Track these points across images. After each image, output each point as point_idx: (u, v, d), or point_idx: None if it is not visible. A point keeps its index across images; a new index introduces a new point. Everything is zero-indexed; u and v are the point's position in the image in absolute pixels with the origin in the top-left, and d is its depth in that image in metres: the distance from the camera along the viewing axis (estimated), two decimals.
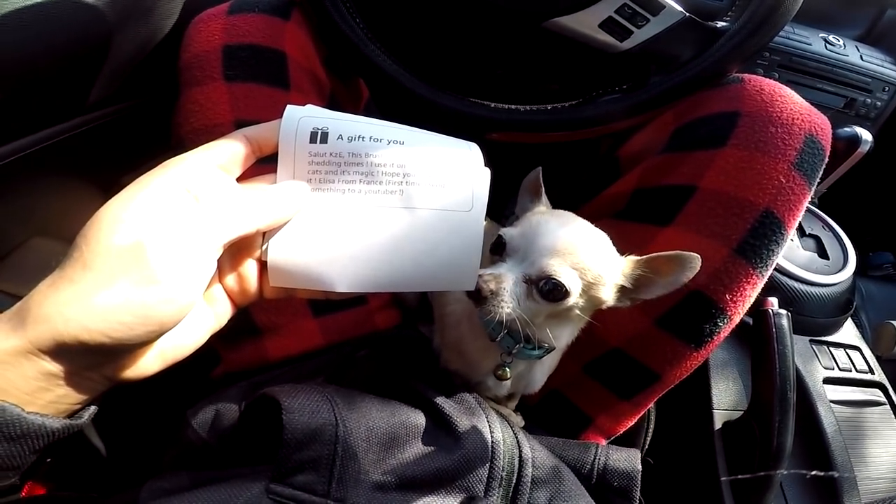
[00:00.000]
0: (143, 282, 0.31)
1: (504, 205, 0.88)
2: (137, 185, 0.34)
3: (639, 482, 0.56)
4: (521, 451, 0.52)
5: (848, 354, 0.87)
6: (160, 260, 0.32)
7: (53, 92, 0.60)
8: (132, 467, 0.59)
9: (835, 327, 0.89)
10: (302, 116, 0.39)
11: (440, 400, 0.53)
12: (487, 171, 0.41)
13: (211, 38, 0.60)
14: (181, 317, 0.34)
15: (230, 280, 0.40)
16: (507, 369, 0.58)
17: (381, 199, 0.39)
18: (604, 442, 0.67)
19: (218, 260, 0.38)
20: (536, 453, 0.53)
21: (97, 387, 0.35)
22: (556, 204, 0.55)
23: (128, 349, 0.33)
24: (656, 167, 0.65)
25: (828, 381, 0.83)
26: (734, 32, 0.62)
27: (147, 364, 0.36)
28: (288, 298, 0.41)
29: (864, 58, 1.07)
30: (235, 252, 0.39)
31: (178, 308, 0.33)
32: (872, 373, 0.87)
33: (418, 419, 0.51)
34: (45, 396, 0.32)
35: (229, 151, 0.38)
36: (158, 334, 0.34)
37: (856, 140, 0.87)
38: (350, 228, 0.39)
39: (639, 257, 0.50)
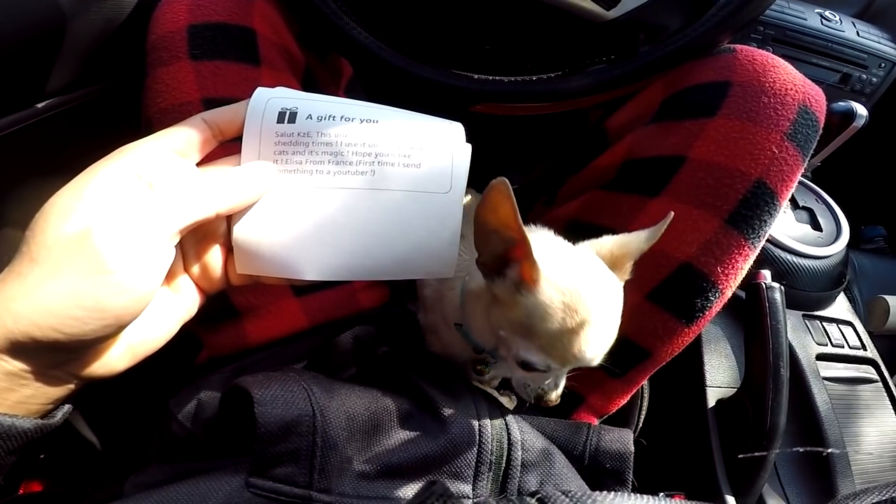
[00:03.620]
0: (92, 272, 0.30)
1: (490, 179, 0.86)
2: (86, 173, 0.32)
3: (631, 463, 0.55)
4: (509, 434, 0.51)
5: (841, 330, 0.87)
6: (110, 248, 0.30)
7: (10, 78, 0.58)
8: (125, 459, 0.58)
9: (828, 301, 0.89)
10: (270, 97, 0.37)
11: (425, 383, 0.52)
12: (468, 149, 0.39)
13: (176, 19, 0.58)
14: (139, 308, 0.32)
15: (195, 268, 0.38)
16: (487, 367, 0.58)
17: (351, 181, 0.37)
18: (596, 421, 0.66)
19: (182, 248, 0.37)
20: (526, 435, 0.52)
21: (67, 386, 0.33)
22: (544, 177, 0.53)
23: (88, 345, 0.32)
24: (645, 138, 0.64)
25: (820, 357, 0.82)
26: (726, 2, 0.59)
27: (115, 360, 0.34)
28: (257, 283, 0.40)
29: (861, 34, 1.06)
30: (200, 238, 0.38)
31: (133, 299, 0.31)
32: (865, 349, 0.87)
33: (402, 404, 0.49)
34: (11, 397, 0.31)
35: (186, 136, 0.36)
36: (117, 328, 0.32)
37: (850, 114, 0.86)
38: (318, 212, 0.37)
39: None
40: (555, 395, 0.52)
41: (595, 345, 0.46)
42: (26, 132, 0.62)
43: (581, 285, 0.44)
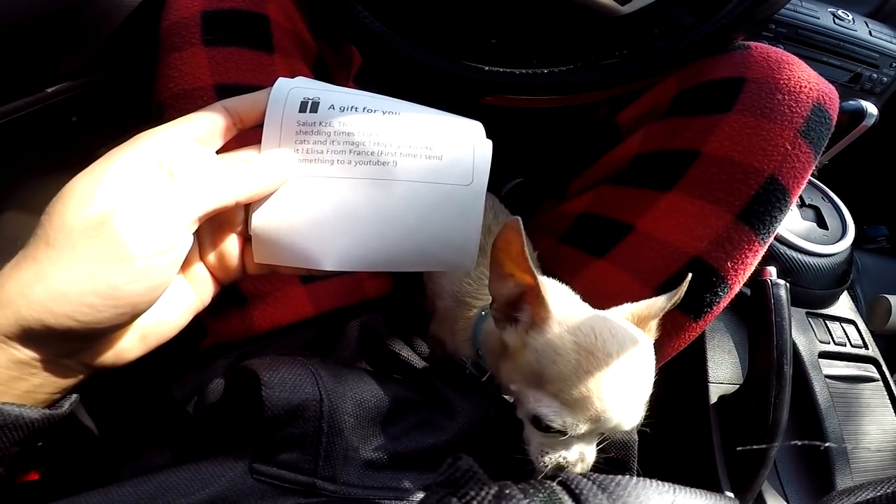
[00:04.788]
0: (110, 257, 0.29)
1: (500, 175, 0.86)
2: (106, 158, 0.32)
3: (636, 452, 0.55)
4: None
5: (843, 328, 0.87)
6: (130, 233, 0.30)
7: (21, 61, 0.58)
8: (124, 445, 0.58)
9: (831, 300, 0.89)
10: (293, 87, 0.37)
11: (432, 375, 0.52)
12: (489, 144, 0.39)
13: (190, 5, 0.58)
14: (154, 297, 0.32)
15: (211, 256, 0.38)
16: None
17: (373, 171, 0.37)
18: None
19: (198, 236, 0.36)
20: None
21: (76, 374, 0.33)
22: (554, 170, 0.53)
23: (101, 333, 0.31)
24: (658, 132, 0.63)
25: (823, 354, 0.82)
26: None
27: (127, 348, 0.34)
28: (272, 272, 0.40)
29: (873, 33, 1.05)
30: (217, 227, 0.37)
31: (149, 287, 0.31)
32: (867, 348, 0.86)
33: (409, 394, 0.49)
34: (19, 386, 0.30)
35: (206, 123, 0.36)
36: (131, 316, 0.32)
37: (861, 113, 0.86)
38: (339, 201, 0.37)
39: None
40: (579, 470, 0.45)
41: (621, 398, 0.40)
42: (36, 117, 0.62)
43: (599, 327, 0.41)
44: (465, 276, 0.59)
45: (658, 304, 0.47)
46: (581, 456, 0.44)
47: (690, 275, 0.47)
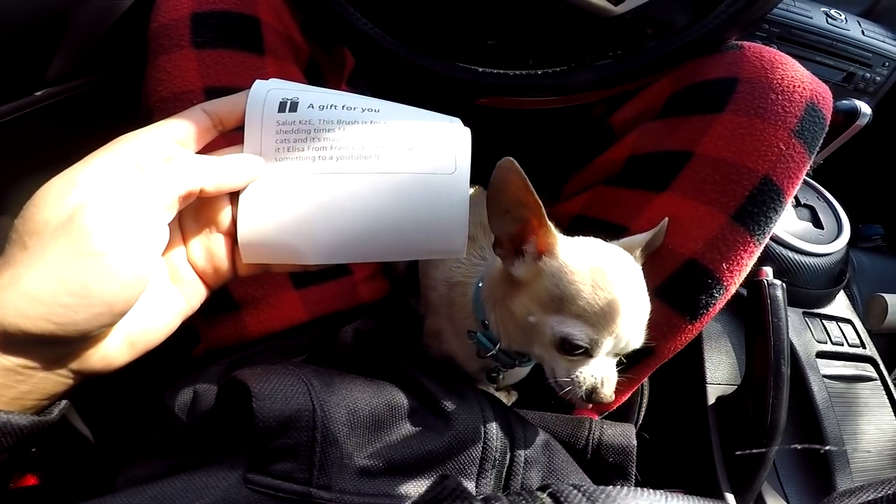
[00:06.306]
0: (78, 255, 0.29)
1: None
2: (82, 162, 0.32)
3: (634, 457, 0.55)
4: (513, 431, 0.50)
5: (840, 328, 0.87)
6: (97, 228, 0.29)
7: (10, 66, 0.57)
8: (118, 452, 0.58)
9: (828, 299, 0.89)
10: (270, 88, 0.38)
11: (427, 379, 0.51)
12: (468, 132, 0.39)
13: (179, 7, 0.57)
14: (129, 295, 0.31)
15: (200, 259, 0.37)
16: (500, 375, 0.58)
17: (355, 165, 0.37)
18: (597, 417, 0.66)
19: (185, 238, 0.36)
20: (528, 431, 0.52)
21: (65, 381, 0.32)
22: (549, 172, 0.54)
23: (83, 336, 0.31)
24: (651, 133, 0.63)
25: (820, 354, 0.82)
26: None
27: (114, 354, 0.34)
28: (265, 272, 0.40)
29: (866, 33, 1.06)
30: (204, 228, 0.37)
31: (122, 284, 0.30)
32: (864, 347, 0.86)
33: (405, 399, 0.48)
34: (7, 393, 0.30)
35: (186, 126, 0.36)
36: (110, 317, 0.31)
37: (855, 113, 0.86)
38: (323, 197, 0.37)
39: None
40: (608, 390, 0.48)
41: (632, 312, 0.44)
42: (25, 120, 0.61)
43: (601, 248, 0.46)
44: (454, 262, 0.61)
45: (638, 238, 0.53)
46: (606, 378, 0.48)
47: (667, 219, 0.52)
